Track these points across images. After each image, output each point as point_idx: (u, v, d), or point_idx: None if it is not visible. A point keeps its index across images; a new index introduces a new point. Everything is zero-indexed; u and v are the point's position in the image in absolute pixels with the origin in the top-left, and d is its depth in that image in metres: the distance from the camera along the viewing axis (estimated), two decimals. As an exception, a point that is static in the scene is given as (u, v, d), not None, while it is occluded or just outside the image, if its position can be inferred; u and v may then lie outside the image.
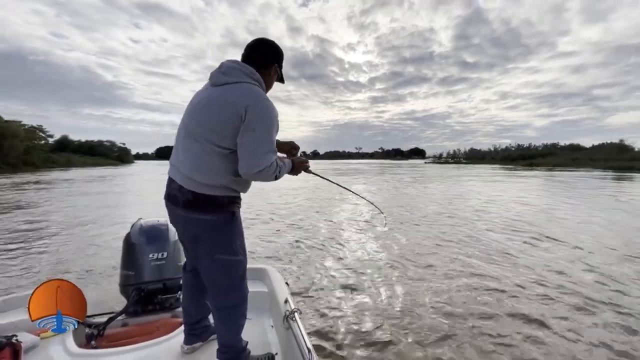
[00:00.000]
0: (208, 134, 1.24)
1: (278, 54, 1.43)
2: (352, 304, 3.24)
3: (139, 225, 2.11)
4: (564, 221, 7.24)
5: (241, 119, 1.20)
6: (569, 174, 28.41)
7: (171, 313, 2.03)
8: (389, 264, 4.43)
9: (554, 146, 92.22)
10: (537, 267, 4.23)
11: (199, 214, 1.27)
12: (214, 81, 1.31)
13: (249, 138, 1.20)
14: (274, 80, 1.48)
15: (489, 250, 5.00)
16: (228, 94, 1.24)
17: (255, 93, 1.25)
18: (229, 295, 1.38)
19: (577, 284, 3.65)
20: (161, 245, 2.02)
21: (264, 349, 1.62)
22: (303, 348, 1.33)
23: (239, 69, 1.30)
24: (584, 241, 5.47)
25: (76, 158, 57.04)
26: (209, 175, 1.26)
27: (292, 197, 11.55)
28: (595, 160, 48.09)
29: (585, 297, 3.33)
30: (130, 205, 10.08)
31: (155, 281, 1.97)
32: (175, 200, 1.31)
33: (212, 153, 1.24)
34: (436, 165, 71.72)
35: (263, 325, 1.87)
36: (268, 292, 2.05)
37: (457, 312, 3.04)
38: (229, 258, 1.33)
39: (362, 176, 26.57)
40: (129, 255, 2.02)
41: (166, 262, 2.01)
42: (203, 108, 1.27)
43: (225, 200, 1.30)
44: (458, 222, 7.29)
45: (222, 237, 1.32)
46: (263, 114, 1.22)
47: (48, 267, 4.30)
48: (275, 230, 6.46)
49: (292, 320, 1.56)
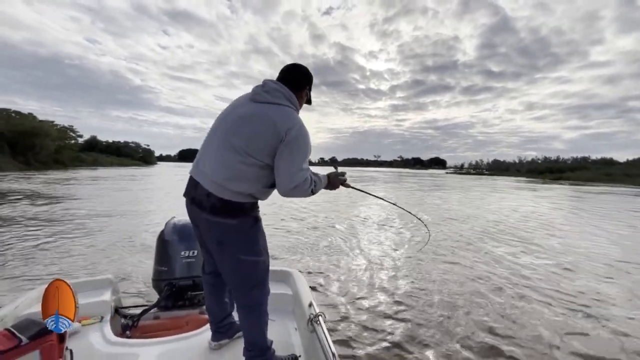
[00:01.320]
0: (249, 148, 1.31)
1: (309, 79, 1.55)
2: (381, 314, 3.19)
3: (172, 224, 2.18)
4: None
5: (280, 140, 1.30)
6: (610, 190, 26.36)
7: (199, 309, 2.08)
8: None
9: (585, 160, 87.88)
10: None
11: (225, 218, 1.34)
12: (256, 98, 1.39)
13: (285, 158, 1.31)
14: (304, 101, 1.58)
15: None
16: (271, 113, 1.33)
17: (295, 118, 1.37)
18: (253, 293, 1.44)
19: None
20: (192, 244, 2.10)
21: (287, 351, 1.62)
22: (327, 352, 1.34)
23: (280, 91, 1.40)
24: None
25: (103, 158, 59.27)
26: (242, 184, 1.32)
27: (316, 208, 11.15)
28: (631, 176, 45.15)
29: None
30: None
31: (186, 277, 2.04)
32: (201, 205, 1.35)
33: (250, 165, 1.32)
34: (458, 175, 69.63)
35: (287, 327, 1.88)
36: (292, 295, 2.06)
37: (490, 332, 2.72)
38: (253, 259, 1.40)
39: (378, 184, 25.94)
40: (162, 251, 2.09)
41: (196, 260, 2.08)
42: (245, 122, 1.34)
43: (248, 206, 1.38)
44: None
45: (247, 239, 1.39)
46: (300, 138, 1.34)
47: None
48: (305, 234, 6.42)
49: (316, 324, 1.57)
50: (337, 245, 5.92)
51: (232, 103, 1.48)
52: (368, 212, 10.08)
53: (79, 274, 3.99)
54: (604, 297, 3.76)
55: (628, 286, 4.16)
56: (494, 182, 39.18)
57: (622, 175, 46.80)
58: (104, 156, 61.91)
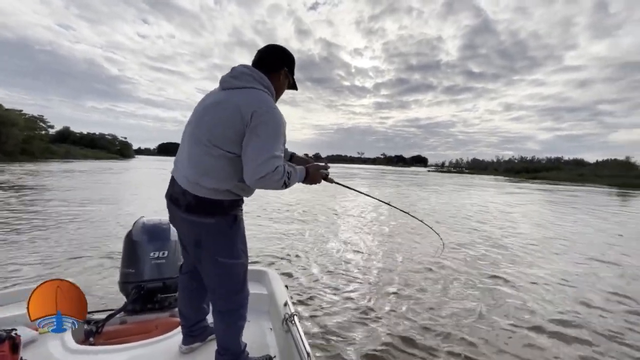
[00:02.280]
0: (213, 138, 1.22)
1: (288, 58, 1.41)
2: (354, 311, 3.18)
3: (141, 223, 2.08)
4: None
5: (246, 125, 1.19)
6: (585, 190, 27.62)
7: (170, 312, 2.01)
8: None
9: (558, 160, 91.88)
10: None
11: (202, 217, 1.26)
12: (223, 85, 1.31)
13: (252, 144, 1.19)
14: (285, 86, 1.45)
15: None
16: (235, 98, 1.23)
17: (262, 99, 1.24)
18: (231, 298, 1.37)
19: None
20: (162, 244, 2.02)
21: (262, 351, 1.59)
22: (302, 352, 1.33)
23: (249, 74, 1.29)
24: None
25: (76, 150, 56.45)
26: (214, 179, 1.24)
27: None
28: (601, 176, 47.48)
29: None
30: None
31: (155, 280, 1.96)
32: (178, 203, 1.30)
33: (218, 157, 1.23)
34: (439, 174, 71.19)
35: (262, 327, 1.86)
36: (267, 295, 2.04)
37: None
38: (231, 261, 1.33)
39: (361, 180, 25.92)
40: (130, 252, 1.99)
41: (166, 261, 2.00)
42: (210, 111, 1.26)
43: (227, 204, 1.29)
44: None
45: (225, 240, 1.31)
46: (269, 121, 1.20)
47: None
48: (282, 233, 6.19)
49: (291, 324, 1.56)
50: (315, 241, 5.82)
51: (205, 95, 1.39)
52: (348, 207, 10.10)
53: (36, 277, 3.56)
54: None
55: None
56: (480, 180, 40.13)
57: (593, 176, 49.21)
58: (78, 148, 58.96)
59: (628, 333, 2.97)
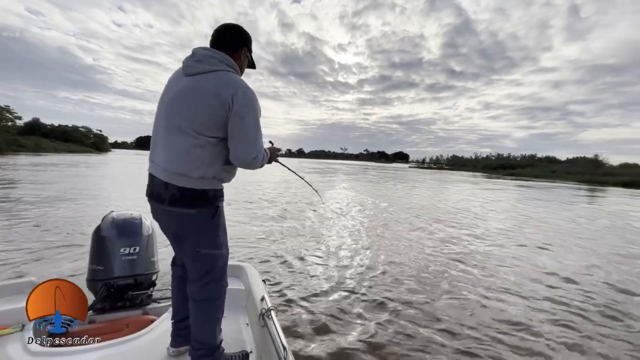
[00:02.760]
0: (196, 125, 1.21)
1: (246, 38, 1.40)
2: (331, 303, 3.24)
3: (111, 218, 2.00)
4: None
5: (228, 109, 1.20)
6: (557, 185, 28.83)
7: (142, 310, 1.93)
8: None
9: (532, 157, 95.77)
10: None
11: (185, 209, 1.25)
12: (189, 70, 1.27)
13: (240, 127, 1.22)
14: (245, 65, 1.46)
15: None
16: (210, 83, 1.22)
17: (238, 81, 1.25)
18: (209, 287, 1.36)
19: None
20: (133, 240, 1.95)
21: (238, 347, 1.57)
22: (278, 346, 1.33)
23: (213, 57, 1.27)
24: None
25: (46, 143, 53.43)
26: (202, 167, 1.24)
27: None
28: (572, 173, 49.86)
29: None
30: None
31: (126, 277, 1.89)
32: (160, 198, 1.27)
33: (203, 144, 1.23)
34: (420, 170, 72.55)
35: (238, 322, 1.83)
36: (245, 290, 2.01)
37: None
38: (212, 252, 1.33)
39: (342, 176, 26.08)
40: (98, 248, 1.92)
41: (138, 257, 1.94)
42: (184, 99, 1.23)
43: (211, 195, 1.29)
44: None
45: (207, 231, 1.31)
46: (249, 102, 1.23)
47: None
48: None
49: (268, 318, 1.54)
50: (293, 232, 5.82)
51: (167, 83, 1.34)
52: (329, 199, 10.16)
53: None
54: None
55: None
56: (460, 177, 41.07)
57: (564, 173, 51.59)
58: (48, 141, 55.98)
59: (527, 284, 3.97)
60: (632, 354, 2.61)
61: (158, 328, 1.65)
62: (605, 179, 40.27)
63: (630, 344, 2.75)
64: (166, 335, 1.56)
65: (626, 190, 28.83)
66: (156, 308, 1.99)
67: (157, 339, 1.58)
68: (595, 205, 14.46)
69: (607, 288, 4.05)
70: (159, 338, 1.58)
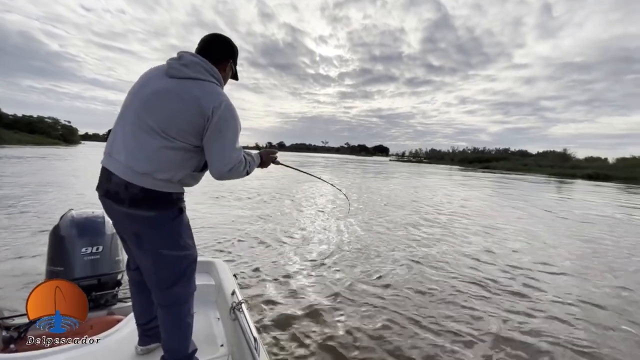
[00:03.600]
0: (169, 129, 1.18)
1: (233, 51, 1.41)
2: (302, 296, 3.28)
3: (70, 217, 1.92)
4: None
5: (207, 120, 1.19)
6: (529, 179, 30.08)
7: (107, 310, 1.88)
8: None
9: (506, 151, 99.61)
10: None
11: (146, 211, 1.21)
12: (173, 72, 1.24)
13: (217, 140, 1.22)
14: (229, 77, 1.45)
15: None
16: (193, 90, 1.20)
17: (220, 95, 1.25)
18: (174, 290, 1.31)
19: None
20: (96, 239, 1.88)
21: (209, 342, 1.57)
22: (249, 338, 1.33)
23: (200, 64, 1.26)
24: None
25: (8, 134, 50.01)
26: (170, 171, 1.21)
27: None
28: (542, 166, 52.27)
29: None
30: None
31: (89, 277, 1.83)
32: (118, 198, 1.20)
33: (174, 148, 1.20)
34: (400, 163, 73.77)
35: (209, 317, 1.82)
36: (215, 285, 1.99)
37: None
38: (175, 253, 1.28)
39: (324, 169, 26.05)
40: (56, 249, 1.84)
41: (101, 257, 1.87)
42: (161, 99, 1.19)
43: (174, 197, 1.26)
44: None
45: (169, 232, 1.27)
46: (229, 116, 1.23)
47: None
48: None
49: (239, 312, 1.53)
50: (268, 227, 5.84)
51: (142, 77, 1.29)
52: (302, 191, 10.22)
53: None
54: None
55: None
56: (438, 170, 42.06)
57: (536, 166, 54.01)
58: (11, 132, 52.44)
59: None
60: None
61: (125, 328, 1.59)
62: (573, 172, 42.49)
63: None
64: (134, 334, 1.52)
65: (591, 182, 30.51)
66: (122, 308, 1.93)
67: (124, 338, 1.53)
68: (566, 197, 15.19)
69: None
70: (125, 338, 1.53)
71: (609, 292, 3.76)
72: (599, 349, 2.60)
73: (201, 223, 5.78)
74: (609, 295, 3.66)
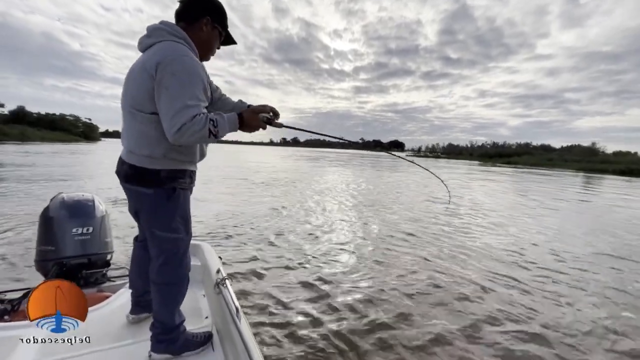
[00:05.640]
0: (133, 102, 1.19)
1: (206, 5, 1.29)
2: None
3: (60, 199, 2.02)
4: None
5: (152, 78, 1.12)
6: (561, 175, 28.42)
7: (97, 288, 1.98)
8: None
9: (527, 146, 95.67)
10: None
11: (140, 187, 1.25)
12: (140, 47, 1.24)
13: (162, 98, 1.11)
14: (214, 38, 1.34)
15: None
16: (146, 55, 1.18)
17: (168, 48, 1.15)
18: (165, 271, 1.33)
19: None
20: (86, 220, 1.98)
21: (194, 314, 1.67)
22: (232, 308, 1.41)
23: (161, 29, 1.22)
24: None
25: (32, 132, 51.63)
26: (147, 146, 1.20)
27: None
28: (568, 161, 49.64)
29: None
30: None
31: (79, 256, 1.93)
32: (119, 174, 1.30)
33: (143, 121, 1.18)
34: (417, 158, 72.26)
35: (195, 295, 1.90)
36: (201, 266, 2.07)
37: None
38: (166, 235, 1.29)
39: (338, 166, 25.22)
40: (46, 229, 1.94)
41: (91, 237, 1.98)
42: (129, 76, 1.23)
43: (165, 175, 1.24)
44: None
45: (161, 213, 1.28)
46: (174, 69, 1.11)
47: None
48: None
49: (222, 287, 1.61)
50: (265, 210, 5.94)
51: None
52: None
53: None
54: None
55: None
56: (463, 165, 40.57)
57: (561, 161, 51.35)
58: (35, 130, 54.15)
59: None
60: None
61: (115, 301, 1.71)
62: (603, 167, 40.03)
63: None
64: (124, 306, 1.62)
65: (625, 178, 28.56)
66: (111, 286, 2.02)
67: (115, 310, 1.64)
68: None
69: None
70: (115, 311, 1.64)
71: None
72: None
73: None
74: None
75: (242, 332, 1.28)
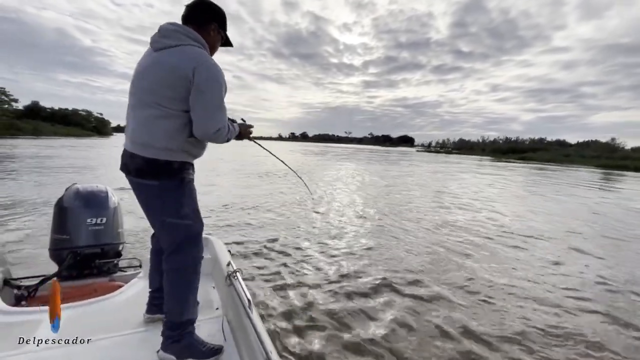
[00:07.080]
0: (158, 98, 1.24)
1: (215, 13, 1.42)
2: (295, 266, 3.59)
3: (75, 190, 2.07)
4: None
5: (190, 82, 1.22)
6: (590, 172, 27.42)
7: (109, 277, 2.03)
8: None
9: (541, 141, 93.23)
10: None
11: (149, 180, 1.29)
12: (155, 46, 1.31)
13: (200, 101, 1.24)
14: (217, 42, 1.48)
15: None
16: (172, 57, 1.25)
17: (201, 55, 1.27)
18: (177, 257, 1.37)
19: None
20: (99, 211, 2.03)
21: (205, 306, 1.68)
22: (243, 299, 1.44)
23: (178, 31, 1.30)
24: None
25: (45, 126, 52.35)
26: (164, 139, 1.26)
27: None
28: (586, 157, 48.02)
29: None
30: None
31: (93, 246, 1.98)
32: (127, 169, 1.33)
33: (166, 116, 1.25)
34: (427, 154, 71.13)
35: (205, 287, 1.89)
36: (211, 259, 2.10)
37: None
38: (177, 221, 1.35)
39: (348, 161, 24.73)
40: (61, 219, 1.99)
41: (105, 228, 2.03)
42: (150, 73, 1.27)
43: (177, 166, 1.31)
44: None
45: (171, 200, 1.33)
46: (211, 76, 1.25)
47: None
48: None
49: (234, 279, 1.64)
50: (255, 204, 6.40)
51: (139, 61, 1.38)
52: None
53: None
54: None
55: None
56: (469, 160, 39.64)
57: (578, 157, 49.71)
58: (48, 125, 54.90)
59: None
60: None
61: (128, 291, 1.77)
62: (624, 163, 38.55)
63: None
64: (137, 297, 1.68)
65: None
66: (123, 276, 2.08)
67: (128, 300, 1.69)
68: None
69: None
70: (129, 299, 1.69)
71: None
72: None
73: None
74: None
75: (255, 323, 1.30)
